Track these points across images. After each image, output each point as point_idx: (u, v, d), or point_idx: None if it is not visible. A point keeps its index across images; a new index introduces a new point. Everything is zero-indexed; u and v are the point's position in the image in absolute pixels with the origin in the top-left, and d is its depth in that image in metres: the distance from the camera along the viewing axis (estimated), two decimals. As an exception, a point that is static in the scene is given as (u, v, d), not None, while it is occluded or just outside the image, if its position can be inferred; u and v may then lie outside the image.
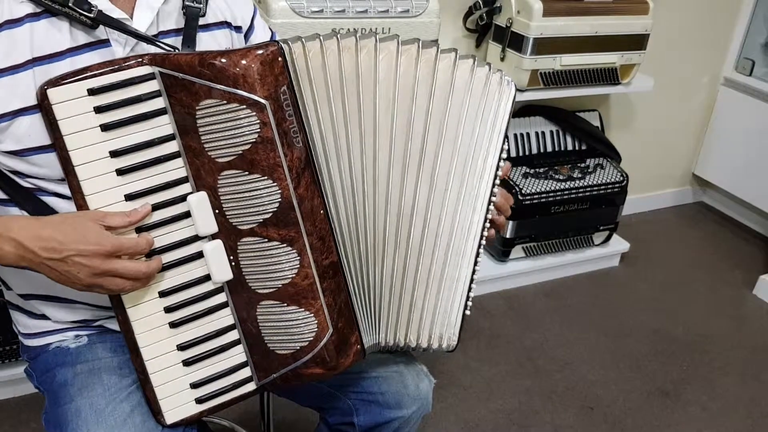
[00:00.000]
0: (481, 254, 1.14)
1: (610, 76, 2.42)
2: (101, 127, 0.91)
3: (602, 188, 2.53)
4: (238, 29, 1.13)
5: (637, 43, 2.39)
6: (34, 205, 0.99)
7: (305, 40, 0.95)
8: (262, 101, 0.90)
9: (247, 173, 0.93)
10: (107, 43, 0.98)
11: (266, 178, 0.93)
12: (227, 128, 0.91)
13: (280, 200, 0.94)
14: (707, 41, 2.94)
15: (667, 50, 2.81)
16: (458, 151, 1.07)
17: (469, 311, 1.15)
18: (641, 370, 2.22)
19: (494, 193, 1.12)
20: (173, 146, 0.95)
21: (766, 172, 2.88)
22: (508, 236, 2.46)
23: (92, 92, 0.90)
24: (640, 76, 2.52)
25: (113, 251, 0.89)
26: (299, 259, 0.97)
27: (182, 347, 1.00)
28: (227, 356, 1.03)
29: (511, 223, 2.43)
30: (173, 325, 0.99)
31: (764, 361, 2.31)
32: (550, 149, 2.61)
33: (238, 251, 0.98)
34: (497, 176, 1.11)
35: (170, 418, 1.02)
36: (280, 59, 0.91)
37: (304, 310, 0.99)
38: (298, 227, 0.96)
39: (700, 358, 2.30)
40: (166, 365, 1.00)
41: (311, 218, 0.97)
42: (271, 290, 0.99)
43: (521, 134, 2.57)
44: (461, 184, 1.09)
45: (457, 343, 1.16)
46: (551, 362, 2.22)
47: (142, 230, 0.95)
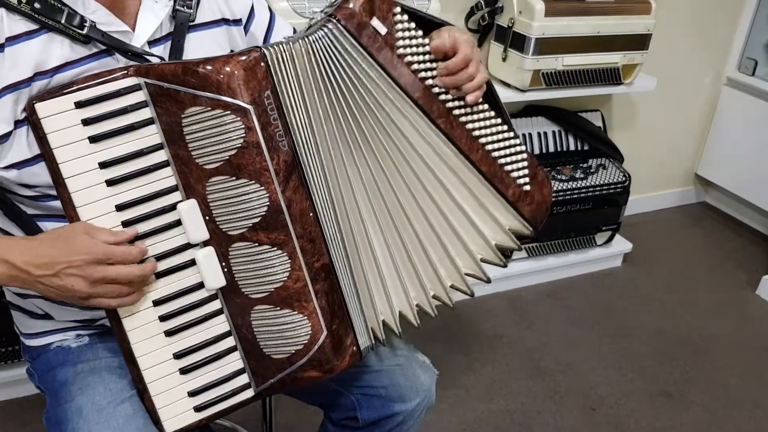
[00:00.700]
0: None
1: (612, 76, 2.42)
2: (89, 138, 0.92)
3: (605, 188, 2.52)
4: (237, 22, 1.14)
5: (639, 43, 2.38)
6: (28, 228, 1.00)
7: (286, 44, 0.96)
8: (246, 106, 0.91)
9: (234, 178, 0.94)
10: (111, 52, 0.99)
11: (253, 182, 0.94)
12: (213, 134, 0.92)
13: (268, 204, 0.95)
14: (710, 41, 2.93)
15: (669, 50, 2.81)
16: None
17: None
18: (643, 370, 2.22)
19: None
20: (162, 155, 0.96)
21: (769, 171, 2.88)
22: (510, 237, 2.45)
23: (79, 105, 0.92)
24: (642, 76, 2.51)
25: (104, 258, 0.90)
26: (290, 262, 0.98)
27: (178, 355, 1.01)
28: (224, 363, 1.04)
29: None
30: (168, 333, 1.00)
31: (767, 361, 2.30)
32: (552, 150, 2.61)
33: (229, 257, 0.99)
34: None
35: (169, 427, 1.02)
36: (262, 64, 0.93)
37: (297, 313, 1.00)
38: (287, 230, 0.97)
39: (702, 358, 2.29)
40: (163, 374, 1.01)
41: (300, 221, 0.97)
42: (263, 294, 0.99)
43: (523, 134, 2.56)
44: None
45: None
46: (553, 363, 2.22)
47: (132, 241, 0.96)
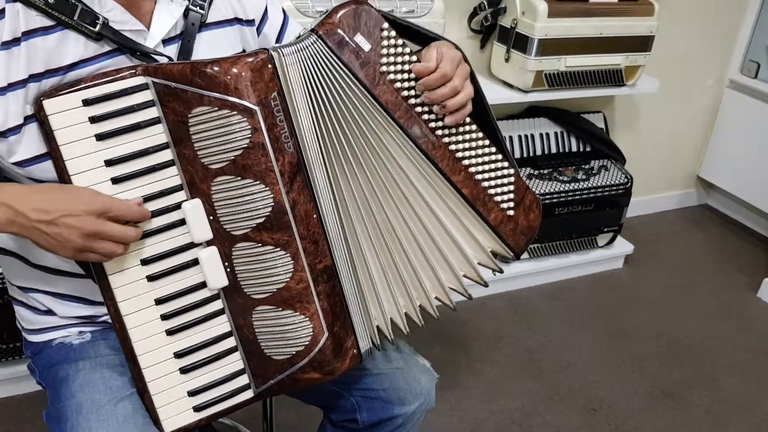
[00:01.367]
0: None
1: (614, 77, 2.42)
2: (96, 136, 0.93)
3: (606, 190, 2.53)
4: (250, 23, 1.14)
5: (642, 44, 2.38)
6: None
7: (294, 47, 0.96)
8: (252, 107, 0.92)
9: (239, 179, 0.94)
10: (124, 50, 0.99)
11: (258, 182, 0.94)
12: (219, 134, 0.93)
13: (272, 204, 0.95)
14: (712, 43, 2.93)
15: (672, 52, 2.81)
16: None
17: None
18: (645, 372, 2.22)
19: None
20: (167, 155, 0.96)
21: (771, 174, 2.88)
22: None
23: (87, 103, 0.92)
24: (644, 77, 2.51)
25: (104, 210, 0.90)
26: (293, 263, 0.98)
27: (179, 355, 1.01)
28: (224, 363, 1.04)
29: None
30: (170, 332, 1.00)
31: (768, 363, 2.30)
32: (554, 151, 2.61)
33: (232, 257, 0.99)
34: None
35: (169, 426, 1.02)
36: (269, 66, 0.93)
37: (299, 314, 1.00)
38: (291, 231, 0.97)
39: (703, 360, 2.29)
40: (163, 373, 1.01)
41: (304, 222, 0.98)
42: (265, 295, 0.99)
43: (525, 135, 2.57)
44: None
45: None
46: (554, 363, 2.22)
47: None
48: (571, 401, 2.07)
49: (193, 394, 1.02)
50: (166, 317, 0.99)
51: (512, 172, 1.13)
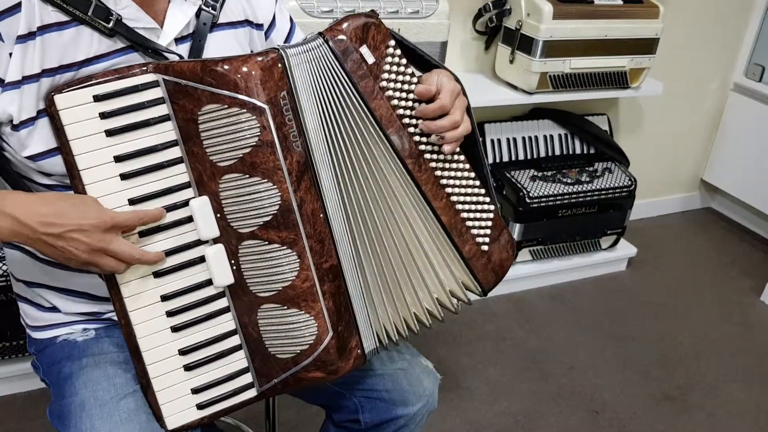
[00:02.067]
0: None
1: (619, 79, 2.42)
2: (106, 132, 0.93)
3: (610, 192, 2.52)
4: (259, 27, 1.15)
5: (646, 47, 2.38)
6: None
7: (300, 47, 0.97)
8: (262, 105, 0.92)
9: (247, 176, 0.95)
10: (138, 48, 1.00)
11: (266, 180, 0.94)
12: (228, 132, 0.93)
13: (280, 203, 0.95)
14: (717, 46, 2.93)
15: (676, 55, 2.81)
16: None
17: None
18: (647, 375, 2.22)
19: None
20: (176, 152, 0.97)
21: (775, 178, 2.87)
22: (515, 239, 2.45)
23: (97, 98, 0.92)
24: (649, 80, 2.51)
25: (112, 226, 0.90)
26: (299, 261, 0.98)
27: (184, 352, 1.01)
28: (228, 361, 1.04)
29: (518, 225, 2.43)
30: (175, 329, 1.00)
31: (771, 367, 2.30)
32: (558, 153, 2.61)
33: (239, 255, 0.99)
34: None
35: (171, 423, 1.02)
36: (279, 65, 0.94)
37: (304, 312, 1.00)
38: (297, 230, 0.97)
39: (706, 363, 2.29)
40: (167, 370, 1.01)
41: (311, 221, 0.98)
42: (271, 293, 0.99)
43: (529, 137, 2.57)
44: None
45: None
46: (557, 365, 2.22)
47: (144, 234, 0.96)
48: (573, 403, 2.07)
49: (196, 391, 1.02)
50: (171, 314, 0.99)
51: (492, 208, 1.13)
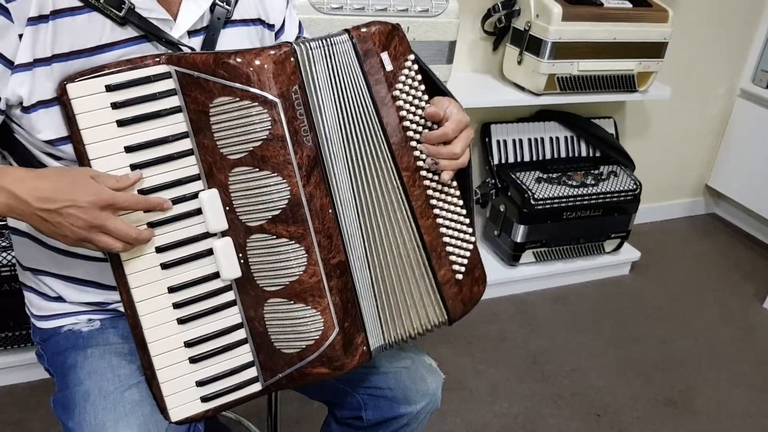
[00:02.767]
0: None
1: (627, 83, 2.42)
2: (117, 122, 0.93)
3: (615, 196, 2.52)
4: (270, 27, 1.16)
5: (655, 50, 2.38)
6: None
7: (322, 41, 0.97)
8: (273, 99, 0.92)
9: (257, 170, 0.95)
10: (150, 38, 1.00)
11: (276, 174, 0.95)
12: (239, 125, 0.93)
13: (289, 197, 0.95)
14: (725, 52, 2.92)
15: (684, 60, 2.81)
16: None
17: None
18: (649, 378, 2.21)
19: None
20: (187, 143, 0.97)
21: (780, 185, 2.87)
22: (519, 241, 2.45)
23: (110, 88, 0.93)
24: (656, 84, 2.51)
25: (109, 203, 0.89)
26: (307, 256, 0.98)
27: (189, 344, 1.01)
28: (234, 355, 1.04)
29: (522, 227, 2.43)
30: (181, 321, 1.00)
31: (773, 374, 2.30)
32: (563, 155, 2.61)
33: (247, 248, 0.99)
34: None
35: (175, 415, 1.02)
36: (292, 59, 0.94)
37: (310, 308, 1.00)
38: (306, 225, 0.97)
39: (708, 368, 2.29)
40: (172, 362, 1.01)
41: (319, 216, 0.98)
42: (278, 288, 0.99)
43: (535, 139, 2.57)
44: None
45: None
46: (558, 367, 2.22)
47: (153, 225, 0.96)
48: (575, 406, 2.07)
49: (201, 384, 1.02)
50: (178, 306, 0.99)
51: (473, 240, 1.13)
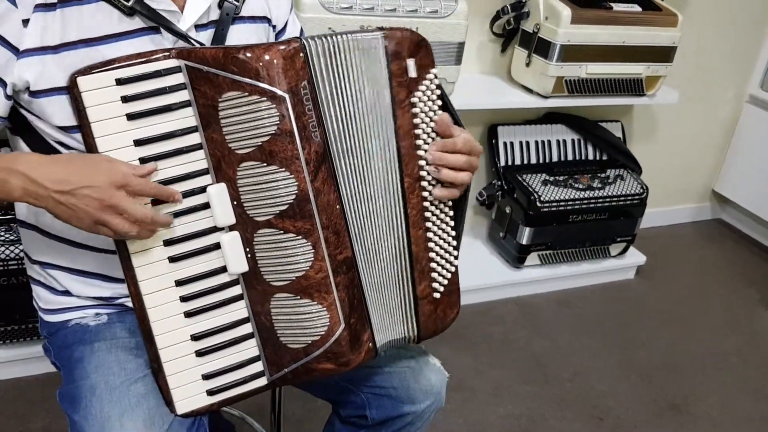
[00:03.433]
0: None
1: (635, 87, 2.41)
2: (127, 116, 0.94)
3: (621, 199, 2.52)
4: (274, 27, 1.17)
5: (664, 55, 2.38)
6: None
7: (327, 37, 0.97)
8: (282, 94, 0.93)
9: (265, 165, 0.95)
10: (157, 30, 1.01)
11: (284, 169, 0.95)
12: (248, 120, 0.94)
13: (296, 192, 0.96)
14: (734, 57, 2.92)
15: (693, 64, 2.80)
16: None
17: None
18: (652, 382, 2.21)
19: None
20: (196, 138, 0.97)
21: (787, 192, 2.86)
22: (524, 243, 2.45)
23: (120, 82, 0.93)
24: (665, 88, 2.51)
25: (124, 182, 0.90)
26: (313, 252, 0.98)
27: (196, 337, 1.02)
28: (240, 349, 1.04)
29: (528, 229, 2.43)
30: (188, 314, 1.01)
31: (777, 380, 2.29)
32: (570, 158, 2.61)
33: (254, 243, 0.99)
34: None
35: (181, 408, 1.02)
36: (301, 55, 0.95)
37: (316, 303, 1.00)
38: (313, 220, 0.97)
39: (711, 373, 2.29)
40: (179, 355, 1.01)
41: (327, 212, 0.98)
42: (284, 283, 1.00)
43: (542, 141, 2.57)
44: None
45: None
46: (562, 370, 2.22)
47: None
48: (577, 409, 2.06)
49: (207, 377, 1.03)
50: (185, 299, 1.00)
51: (456, 264, 1.14)
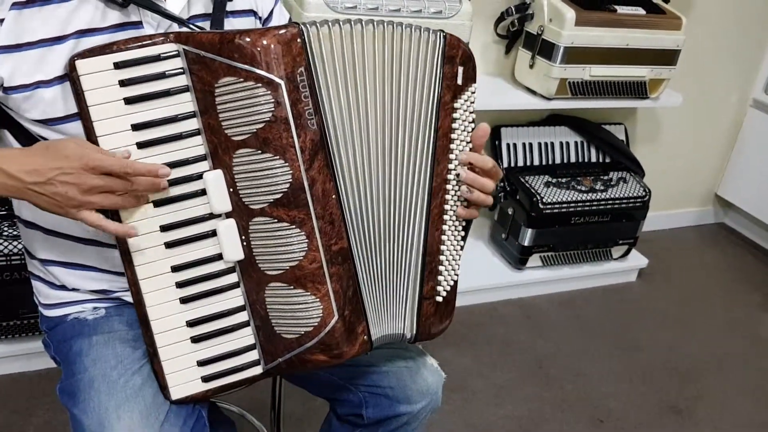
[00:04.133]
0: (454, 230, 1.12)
1: (638, 89, 2.41)
2: (125, 100, 0.94)
3: (624, 202, 2.52)
4: (259, 19, 1.16)
5: (667, 58, 2.38)
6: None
7: (325, 23, 0.97)
8: (277, 80, 0.92)
9: (260, 152, 0.95)
10: (139, 24, 1.01)
11: (278, 157, 0.95)
12: (243, 106, 0.93)
13: (290, 181, 0.95)
14: (738, 61, 2.92)
15: (697, 68, 2.80)
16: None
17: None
18: (654, 385, 2.21)
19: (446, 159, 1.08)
20: (194, 123, 0.97)
21: (790, 196, 2.86)
22: (526, 244, 2.45)
23: (118, 66, 0.93)
24: (668, 91, 2.51)
25: (96, 165, 0.89)
26: (307, 242, 0.98)
27: (192, 323, 1.02)
28: (236, 336, 1.04)
29: (530, 231, 2.43)
30: (184, 300, 1.01)
31: (779, 384, 2.29)
32: (573, 160, 2.61)
33: (249, 231, 0.99)
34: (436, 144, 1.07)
35: (176, 393, 1.03)
36: (298, 40, 0.94)
37: (309, 294, 1.00)
38: (307, 209, 0.97)
39: (713, 377, 2.28)
40: (174, 340, 1.02)
41: (322, 201, 0.98)
42: (279, 272, 1.00)
43: (545, 143, 2.57)
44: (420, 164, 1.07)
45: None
46: (563, 372, 2.21)
47: (158, 204, 0.97)
48: (578, 411, 2.06)
49: (202, 364, 1.03)
50: (181, 285, 1.00)
51: (458, 277, 1.14)
